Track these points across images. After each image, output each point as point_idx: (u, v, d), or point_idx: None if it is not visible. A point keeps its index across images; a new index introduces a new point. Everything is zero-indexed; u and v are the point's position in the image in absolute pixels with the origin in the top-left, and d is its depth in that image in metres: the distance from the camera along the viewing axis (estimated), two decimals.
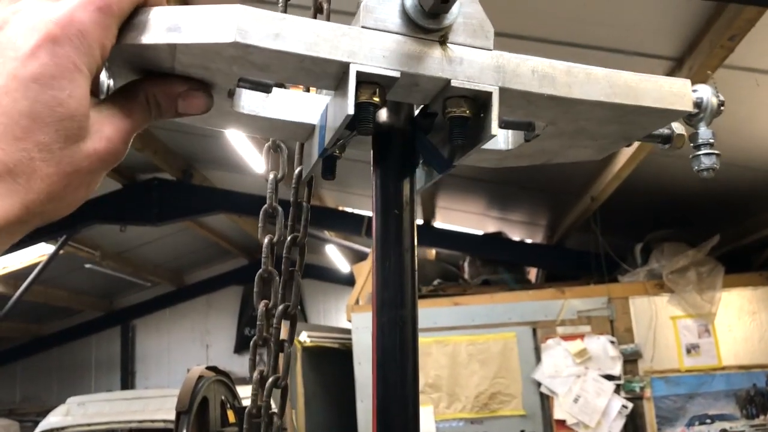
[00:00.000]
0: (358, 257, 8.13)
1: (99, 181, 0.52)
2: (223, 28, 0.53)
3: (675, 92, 0.67)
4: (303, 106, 0.74)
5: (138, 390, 10.52)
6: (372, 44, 0.58)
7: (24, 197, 0.45)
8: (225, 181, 7.82)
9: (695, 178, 3.54)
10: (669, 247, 5.28)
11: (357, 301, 5.60)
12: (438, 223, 7.73)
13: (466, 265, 6.97)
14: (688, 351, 5.08)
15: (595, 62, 2.41)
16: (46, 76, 0.46)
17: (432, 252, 7.95)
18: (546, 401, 5.08)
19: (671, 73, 3.57)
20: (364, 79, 0.57)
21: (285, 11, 1.07)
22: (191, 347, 12.35)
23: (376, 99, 0.57)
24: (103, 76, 0.54)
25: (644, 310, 5.17)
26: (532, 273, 7.51)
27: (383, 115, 0.72)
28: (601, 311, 5.19)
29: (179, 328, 12.44)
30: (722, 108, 0.68)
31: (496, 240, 7.00)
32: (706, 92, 0.67)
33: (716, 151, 0.68)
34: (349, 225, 7.23)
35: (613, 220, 5.63)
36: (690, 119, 0.67)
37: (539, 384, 5.09)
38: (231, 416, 3.28)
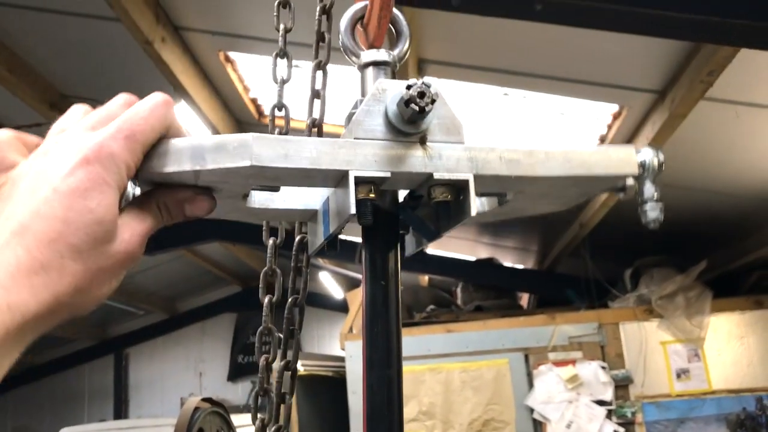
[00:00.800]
0: (351, 284, 8.18)
1: (120, 279, 0.61)
2: (241, 155, 0.63)
3: (622, 158, 0.77)
4: (304, 195, 0.85)
5: (132, 419, 10.47)
6: (365, 152, 0.68)
7: (54, 289, 0.53)
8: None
9: (682, 205, 3.66)
10: (658, 273, 5.36)
11: (351, 329, 5.64)
12: (430, 250, 7.81)
13: (458, 290, 7.03)
14: (678, 376, 5.14)
15: (580, 94, 2.51)
16: (81, 189, 0.55)
17: (425, 278, 8.01)
18: (539, 427, 5.12)
19: (654, 104, 3.68)
20: (360, 181, 0.68)
21: (284, 47, 1.17)
22: (185, 375, 12.30)
23: (372, 195, 0.68)
24: (130, 187, 0.63)
25: (634, 336, 5.23)
26: (524, 299, 7.57)
27: None
28: (592, 337, 5.25)
29: (172, 356, 12.40)
30: (663, 168, 0.77)
31: (488, 266, 7.07)
32: (648, 155, 0.77)
33: (660, 204, 0.78)
34: (342, 252, 7.26)
35: (602, 246, 5.72)
36: (636, 178, 0.77)
37: (532, 410, 5.13)
38: None
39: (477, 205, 0.71)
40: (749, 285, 5.54)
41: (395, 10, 0.85)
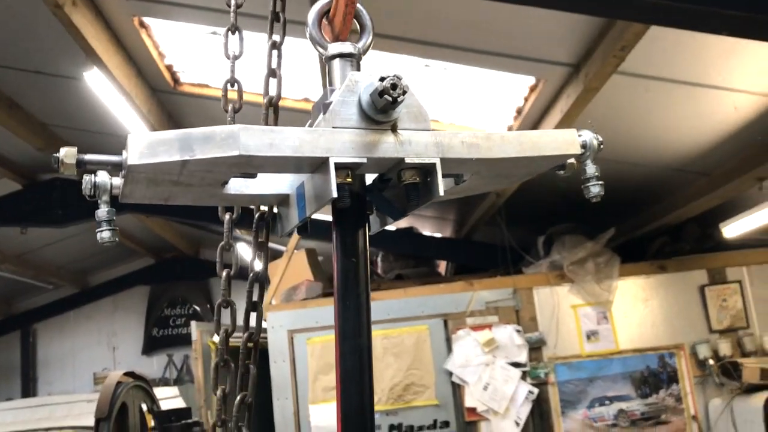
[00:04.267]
0: (271, 256, 8.13)
1: None
2: (229, 145, 0.67)
3: (567, 140, 0.85)
4: (277, 181, 0.88)
5: (41, 397, 10.12)
6: (342, 140, 0.74)
7: None
8: None
9: None
10: (569, 240, 5.59)
11: (271, 301, 5.63)
12: None
13: (379, 260, 7.10)
14: (588, 337, 5.40)
15: (499, 67, 2.57)
16: None
17: None
18: (457, 390, 5.28)
19: (569, 78, 3.80)
20: (339, 167, 0.73)
21: (236, 22, 1.17)
22: (97, 350, 11.97)
23: (349, 179, 0.74)
24: (106, 177, 0.64)
25: (547, 300, 5.45)
26: (442, 266, 7.73)
27: None
28: (507, 302, 5.44)
29: (84, 331, 12.03)
30: (602, 147, 0.85)
31: (407, 235, 7.17)
32: (589, 136, 0.84)
33: (601, 182, 0.85)
34: (262, 223, 7.21)
35: (517, 214, 5.90)
36: (578, 158, 0.85)
37: (451, 374, 5.28)
38: (150, 420, 3.27)
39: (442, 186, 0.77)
40: (654, 251, 5.86)
41: (359, 5, 0.89)
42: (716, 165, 4.59)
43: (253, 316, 1.53)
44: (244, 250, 9.72)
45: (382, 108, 0.74)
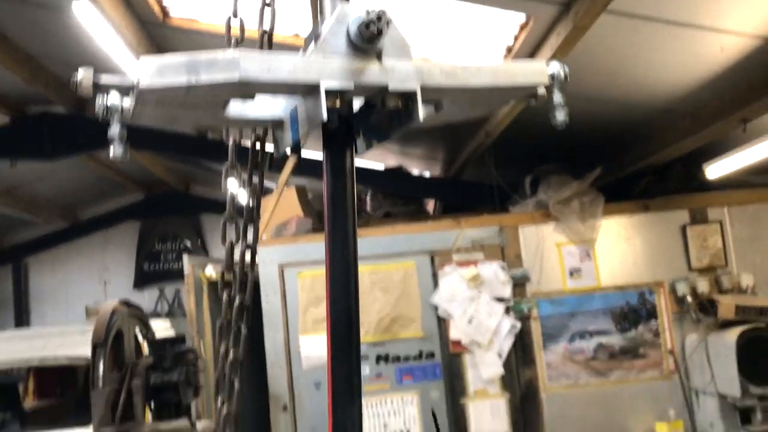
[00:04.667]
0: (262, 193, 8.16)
1: None
2: (231, 69, 0.74)
3: (536, 70, 0.94)
4: (272, 105, 0.95)
5: (36, 328, 10.27)
6: (332, 66, 0.80)
7: None
8: None
9: (581, 116, 3.86)
10: (555, 180, 5.67)
11: (262, 236, 5.72)
12: None
13: (368, 198, 7.18)
14: (571, 274, 5.55)
15: (489, 2, 2.59)
16: None
17: None
18: (443, 323, 5.44)
19: (559, 16, 3.80)
20: (329, 92, 0.80)
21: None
22: (89, 284, 12.08)
23: (338, 103, 0.81)
24: (117, 98, 0.72)
25: (532, 238, 5.57)
26: (430, 205, 7.82)
27: None
28: (493, 239, 5.55)
29: (75, 266, 12.12)
30: (567, 79, 0.93)
31: (396, 174, 7.23)
32: (556, 67, 0.93)
33: (566, 109, 0.94)
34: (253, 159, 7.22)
35: (505, 154, 5.96)
36: (547, 88, 0.93)
37: (437, 308, 5.43)
38: (144, 348, 3.38)
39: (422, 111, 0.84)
40: (639, 190, 5.96)
41: None
42: (702, 106, 4.65)
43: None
44: (236, 187, 9.77)
45: (368, 38, 0.82)
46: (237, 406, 1.72)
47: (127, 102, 0.74)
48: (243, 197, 1.68)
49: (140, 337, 3.25)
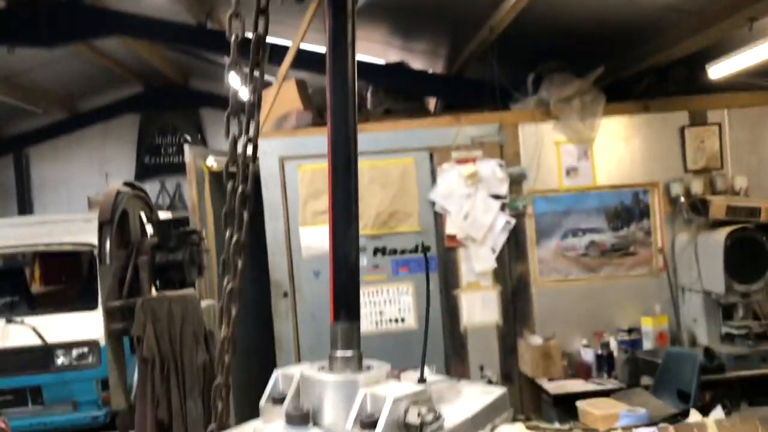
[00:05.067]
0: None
1: None
2: None
3: None
4: None
5: (40, 215, 10.44)
6: None
7: None
8: (121, 1, 7.46)
9: (585, 12, 3.84)
10: (558, 78, 5.64)
11: (262, 128, 5.73)
12: None
13: (369, 94, 7.14)
14: (568, 173, 5.61)
15: None
16: None
17: None
18: (439, 219, 5.55)
19: None
20: None
21: None
22: (90, 176, 12.18)
23: None
24: None
25: (531, 136, 5.60)
26: (431, 103, 7.79)
27: None
28: (492, 137, 5.59)
29: (76, 157, 12.19)
30: None
31: (398, 70, 7.16)
32: None
33: None
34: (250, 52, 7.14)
35: (508, 52, 5.89)
36: None
37: (434, 203, 5.53)
38: (149, 230, 3.48)
39: None
40: (640, 91, 5.94)
41: None
42: (709, 3, 4.58)
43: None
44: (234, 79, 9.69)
45: None
46: (239, 283, 1.82)
47: None
48: (244, 92, 1.73)
49: (144, 219, 3.34)
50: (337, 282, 0.92)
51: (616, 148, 5.65)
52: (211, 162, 5.63)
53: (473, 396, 0.93)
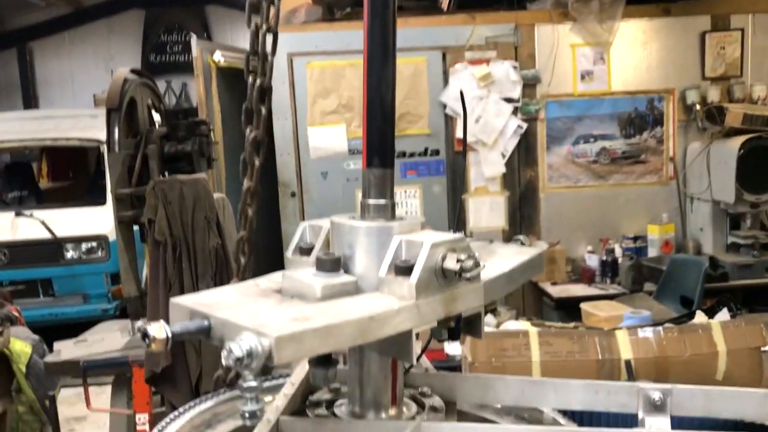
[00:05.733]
0: None
1: None
2: None
3: None
4: None
5: (48, 109, 10.35)
6: None
7: None
8: None
9: None
10: None
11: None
12: None
13: None
14: (583, 77, 5.49)
15: None
16: None
17: None
18: (450, 121, 5.48)
19: None
20: None
21: None
22: (95, 73, 11.97)
23: None
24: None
25: (547, 38, 5.44)
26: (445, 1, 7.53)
27: None
28: (507, 38, 5.43)
29: (80, 53, 11.95)
30: None
31: None
32: None
33: None
34: None
35: None
36: None
37: (445, 106, 5.44)
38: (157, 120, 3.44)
39: None
40: None
41: None
42: None
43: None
44: None
45: None
46: (257, 180, 1.83)
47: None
48: None
49: (153, 109, 3.29)
50: (370, 126, 0.88)
51: (633, 52, 5.50)
52: (219, 57, 5.52)
53: (508, 255, 0.91)
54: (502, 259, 0.90)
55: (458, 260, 0.76)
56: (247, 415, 0.72)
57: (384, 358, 0.85)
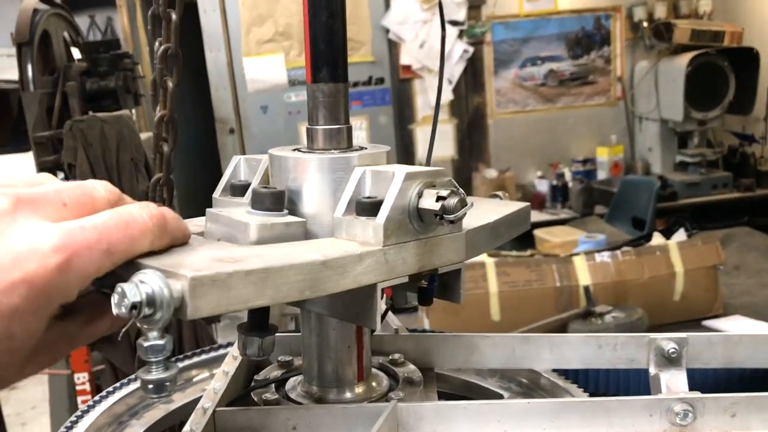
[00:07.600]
0: None
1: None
2: None
3: None
4: None
5: None
6: None
7: None
8: None
9: None
10: None
11: None
12: None
13: None
14: None
15: None
16: (14, 313, 0.45)
17: None
18: (393, 48, 5.24)
19: None
20: None
21: None
22: (10, 11, 11.22)
23: None
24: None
25: None
26: None
27: None
28: None
29: None
30: None
31: None
32: None
33: None
34: None
35: None
36: None
37: (387, 31, 5.20)
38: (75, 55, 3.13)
39: None
40: None
41: None
42: None
43: None
44: None
45: None
46: (172, 106, 1.56)
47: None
48: None
49: (71, 44, 2.98)
50: (313, 29, 0.67)
51: None
52: None
53: (490, 208, 0.74)
54: (484, 212, 0.72)
55: (439, 197, 0.58)
56: (150, 387, 0.53)
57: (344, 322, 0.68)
